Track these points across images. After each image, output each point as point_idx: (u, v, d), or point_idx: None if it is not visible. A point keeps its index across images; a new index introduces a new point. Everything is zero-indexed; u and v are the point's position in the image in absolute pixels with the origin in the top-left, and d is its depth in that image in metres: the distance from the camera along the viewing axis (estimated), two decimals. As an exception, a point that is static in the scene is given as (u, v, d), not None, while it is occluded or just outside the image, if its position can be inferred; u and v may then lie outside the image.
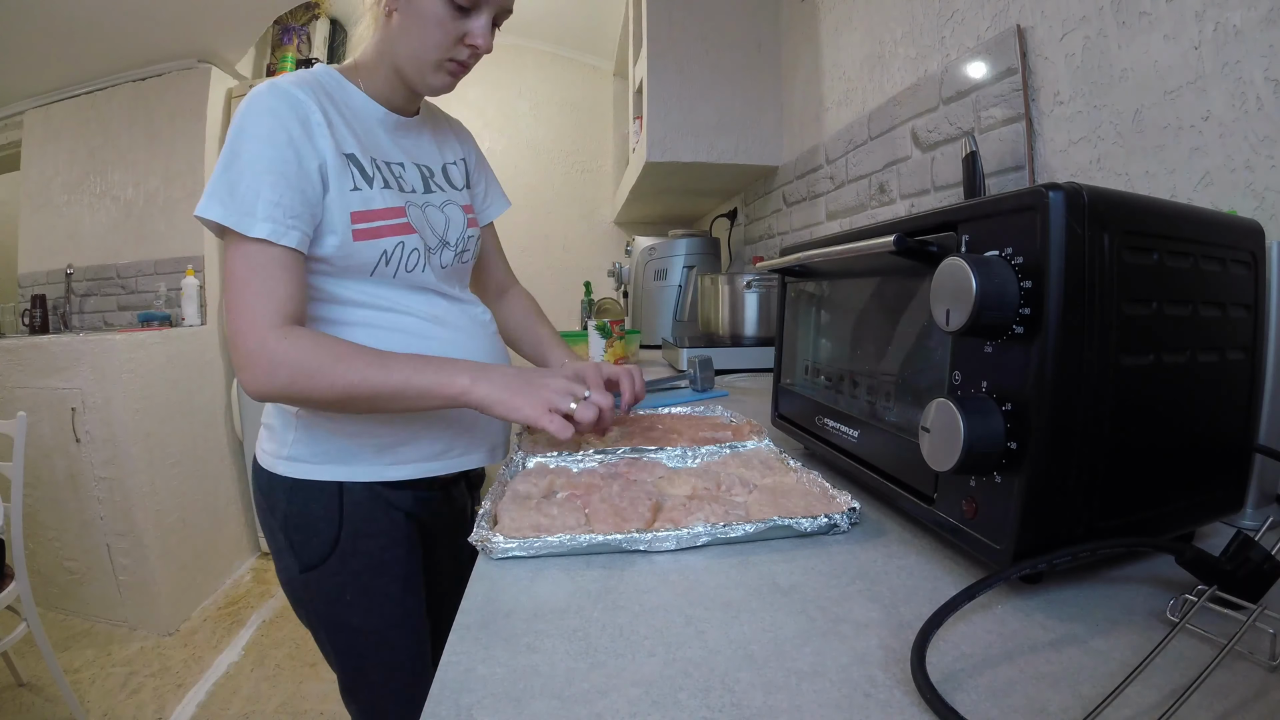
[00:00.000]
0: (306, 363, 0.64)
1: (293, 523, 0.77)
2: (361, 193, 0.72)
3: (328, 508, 0.76)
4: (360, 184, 0.73)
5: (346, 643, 0.82)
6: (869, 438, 0.58)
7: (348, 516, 0.77)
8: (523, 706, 0.31)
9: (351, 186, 0.72)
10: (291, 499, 0.77)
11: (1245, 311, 0.45)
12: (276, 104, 0.67)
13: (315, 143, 0.69)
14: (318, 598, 0.80)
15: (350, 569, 0.78)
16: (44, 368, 2.16)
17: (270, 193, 0.65)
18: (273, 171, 0.66)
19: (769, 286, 1.44)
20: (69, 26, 2.27)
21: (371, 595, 0.79)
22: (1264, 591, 0.36)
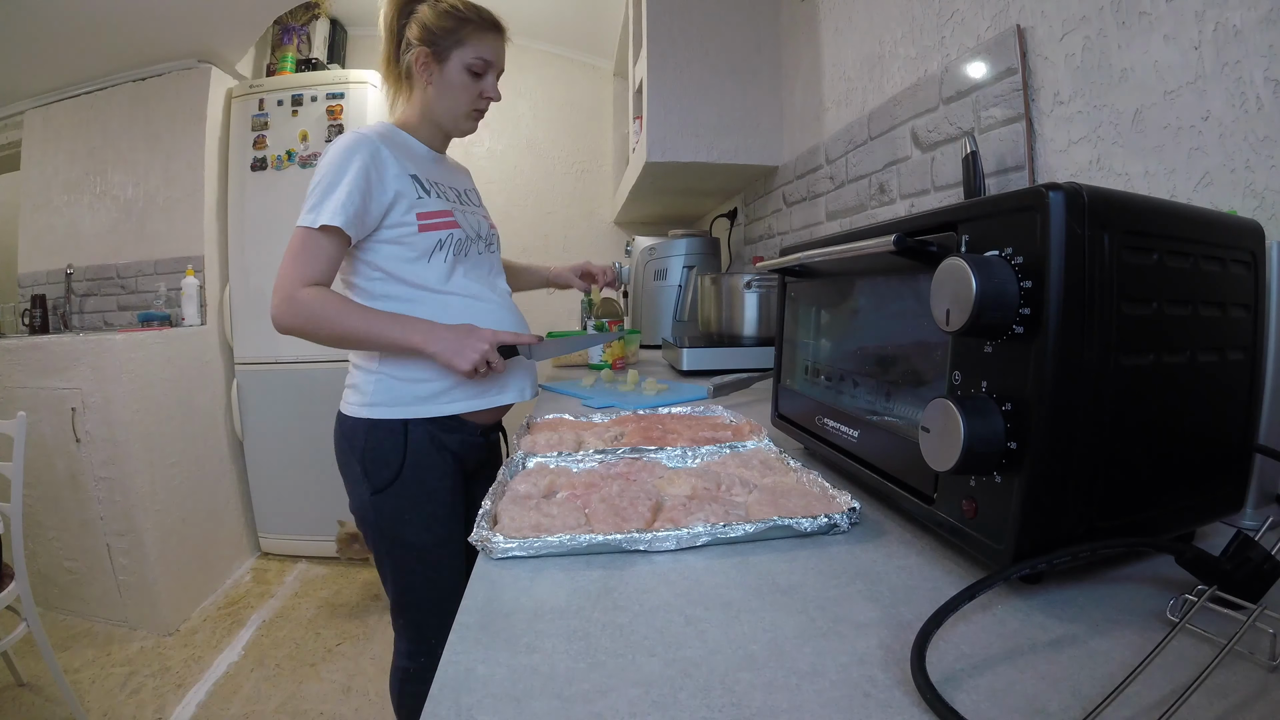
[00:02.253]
0: (317, 311, 0.93)
1: (369, 455, 1.02)
2: (423, 200, 1.02)
3: (395, 445, 1.02)
4: (421, 194, 1.03)
5: (402, 557, 1.05)
6: (869, 438, 0.58)
7: (410, 451, 1.02)
8: (523, 706, 0.31)
9: (417, 196, 1.02)
10: (369, 437, 1.02)
11: (1245, 311, 0.45)
12: (355, 143, 0.98)
13: (385, 169, 0.99)
14: (383, 516, 1.03)
15: (409, 493, 1.02)
16: (44, 368, 2.16)
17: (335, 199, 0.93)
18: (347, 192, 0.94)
19: (769, 286, 1.44)
20: (69, 26, 2.27)
21: (424, 516, 1.03)
22: (1264, 591, 0.36)
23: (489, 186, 3.21)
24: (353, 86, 2.59)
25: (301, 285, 0.92)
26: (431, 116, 1.08)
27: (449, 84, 1.05)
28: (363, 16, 3.13)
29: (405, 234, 1.00)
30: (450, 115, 1.08)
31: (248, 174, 2.61)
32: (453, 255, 1.03)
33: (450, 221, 1.04)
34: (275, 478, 2.68)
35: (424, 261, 1.01)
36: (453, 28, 1.03)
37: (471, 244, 1.08)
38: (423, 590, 1.05)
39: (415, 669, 1.08)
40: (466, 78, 1.05)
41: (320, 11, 2.93)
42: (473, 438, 1.09)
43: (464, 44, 1.04)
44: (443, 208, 1.04)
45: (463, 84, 1.05)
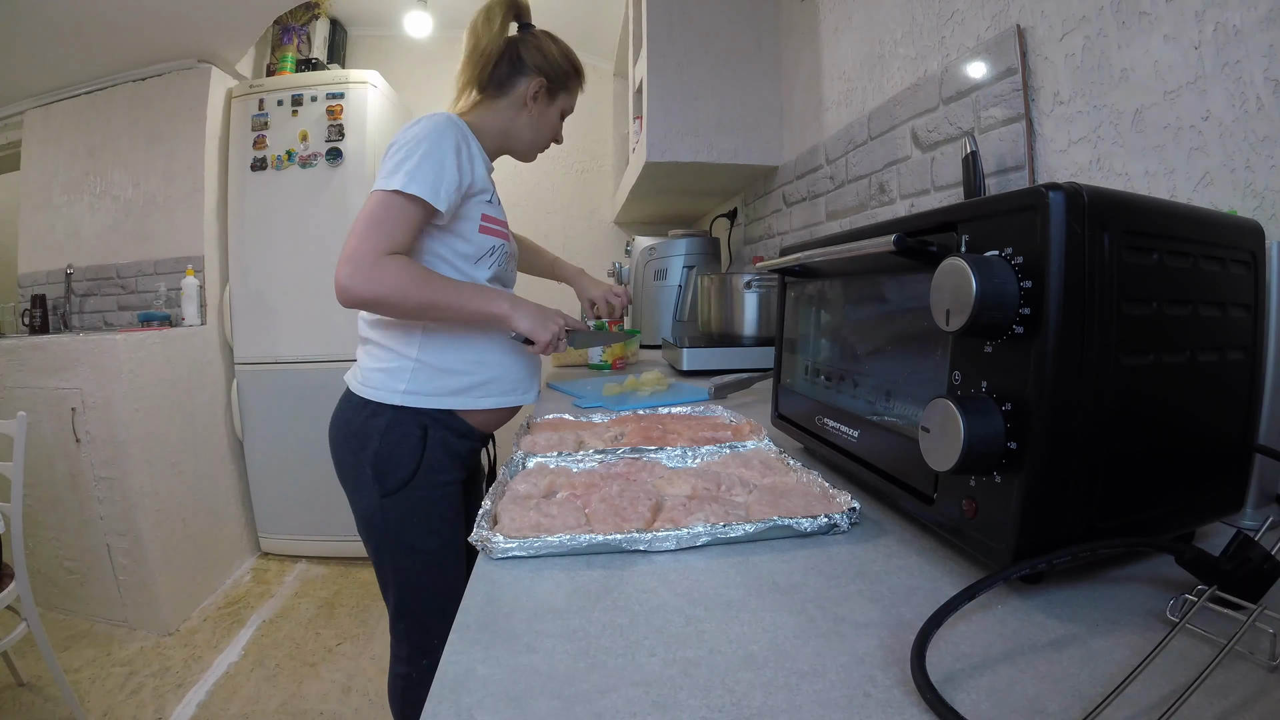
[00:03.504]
0: (403, 280, 0.88)
1: (383, 457, 0.99)
2: (492, 205, 1.04)
3: (413, 447, 1.00)
4: (492, 199, 1.05)
5: (409, 562, 1.03)
6: (869, 438, 0.58)
7: (426, 455, 1.01)
8: (523, 706, 0.31)
9: (488, 199, 1.03)
10: (384, 439, 0.99)
11: (1245, 311, 0.45)
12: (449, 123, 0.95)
13: (475, 158, 0.99)
14: (391, 519, 1.01)
15: (421, 495, 1.01)
16: (44, 368, 2.16)
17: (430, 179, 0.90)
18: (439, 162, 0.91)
19: (769, 286, 1.44)
20: (69, 26, 2.27)
21: (432, 520, 1.02)
22: (1264, 591, 0.36)
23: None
24: (353, 86, 2.59)
25: (382, 253, 0.87)
26: (509, 135, 1.10)
27: (546, 120, 1.12)
28: (363, 16, 3.13)
29: (467, 228, 1.00)
30: (529, 145, 1.13)
31: (248, 174, 2.61)
32: (497, 266, 1.05)
33: (505, 233, 1.06)
34: (275, 478, 2.68)
35: (472, 261, 1.02)
36: (569, 73, 1.11)
37: (511, 260, 1.12)
38: (427, 594, 1.04)
39: (417, 674, 1.06)
40: (558, 119, 1.14)
41: (320, 11, 2.93)
42: (476, 444, 1.10)
43: (569, 91, 1.13)
44: (502, 217, 1.06)
45: (553, 124, 1.13)
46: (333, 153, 2.56)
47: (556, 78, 1.09)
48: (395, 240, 0.89)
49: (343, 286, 0.87)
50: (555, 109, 1.12)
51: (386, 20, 3.13)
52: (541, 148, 1.16)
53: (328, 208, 2.54)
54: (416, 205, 0.90)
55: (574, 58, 1.13)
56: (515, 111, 1.09)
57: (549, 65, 1.08)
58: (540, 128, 1.12)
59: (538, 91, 1.08)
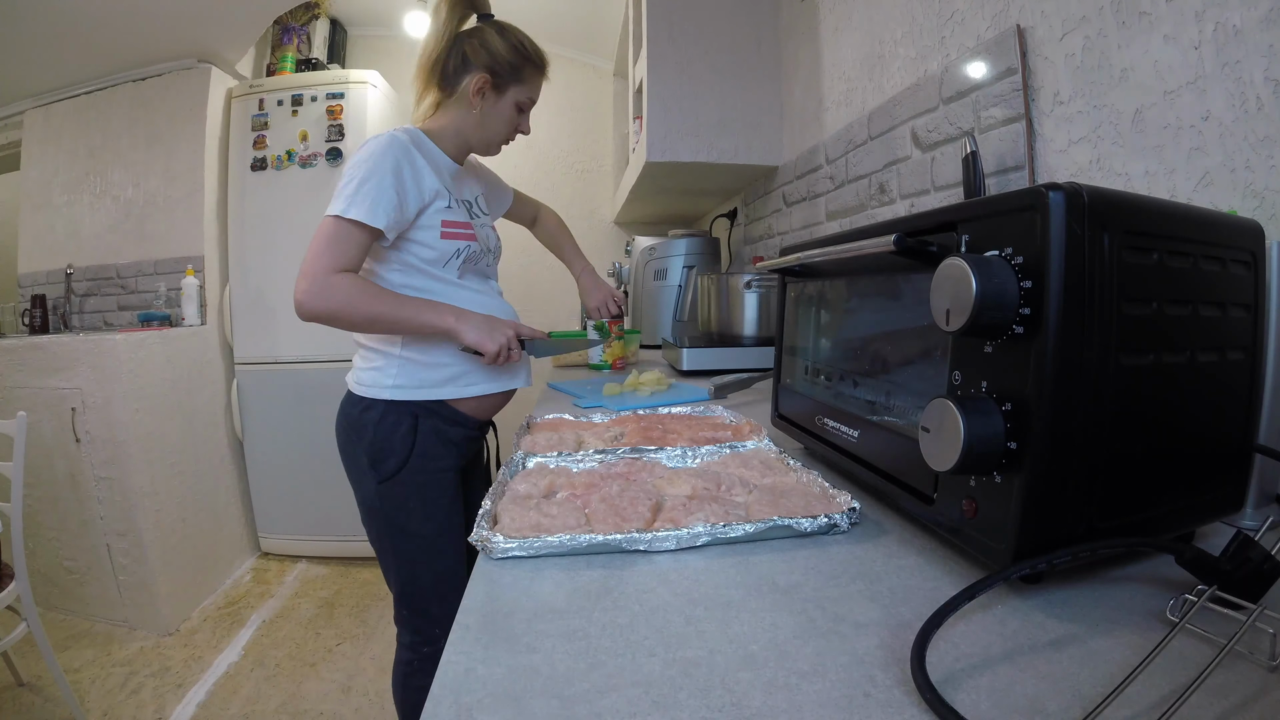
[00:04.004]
0: (351, 295, 0.94)
1: (377, 446, 1.04)
2: (451, 209, 1.06)
3: (404, 436, 1.05)
4: (451, 204, 1.06)
5: (405, 547, 1.07)
6: (869, 438, 0.58)
7: (418, 443, 1.05)
8: (523, 706, 0.31)
9: (446, 205, 1.05)
10: (378, 429, 1.04)
11: (1245, 311, 0.45)
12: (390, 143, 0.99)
13: (421, 174, 1.02)
14: (389, 505, 1.06)
15: (415, 481, 1.06)
16: (44, 368, 2.16)
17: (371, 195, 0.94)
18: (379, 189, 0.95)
19: (769, 286, 1.44)
20: (69, 26, 2.27)
21: (426, 505, 1.07)
22: (1264, 591, 0.36)
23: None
24: (353, 86, 2.59)
25: (332, 271, 0.93)
26: (464, 134, 1.11)
27: (498, 114, 1.11)
28: (363, 16, 3.13)
29: (429, 236, 1.04)
30: (485, 141, 1.13)
31: (248, 174, 2.61)
32: (464, 263, 1.08)
33: (469, 234, 1.08)
34: (275, 478, 2.68)
35: (439, 265, 1.06)
36: (517, 64, 1.09)
37: (482, 256, 1.12)
38: (426, 579, 1.08)
39: (419, 661, 1.10)
40: (513, 112, 1.13)
41: (320, 11, 2.93)
42: (471, 432, 1.14)
43: (522, 82, 1.11)
44: (464, 219, 1.08)
45: (509, 117, 1.13)
46: (333, 153, 2.56)
47: (503, 70, 1.08)
48: (344, 260, 0.95)
49: (299, 301, 0.94)
50: (506, 103, 1.11)
51: (386, 20, 3.13)
52: (499, 142, 1.15)
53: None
54: (358, 228, 0.95)
55: (526, 47, 1.10)
56: (464, 111, 1.09)
57: (493, 59, 1.07)
58: (490, 124, 1.11)
59: (481, 87, 1.07)
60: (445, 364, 1.07)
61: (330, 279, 0.93)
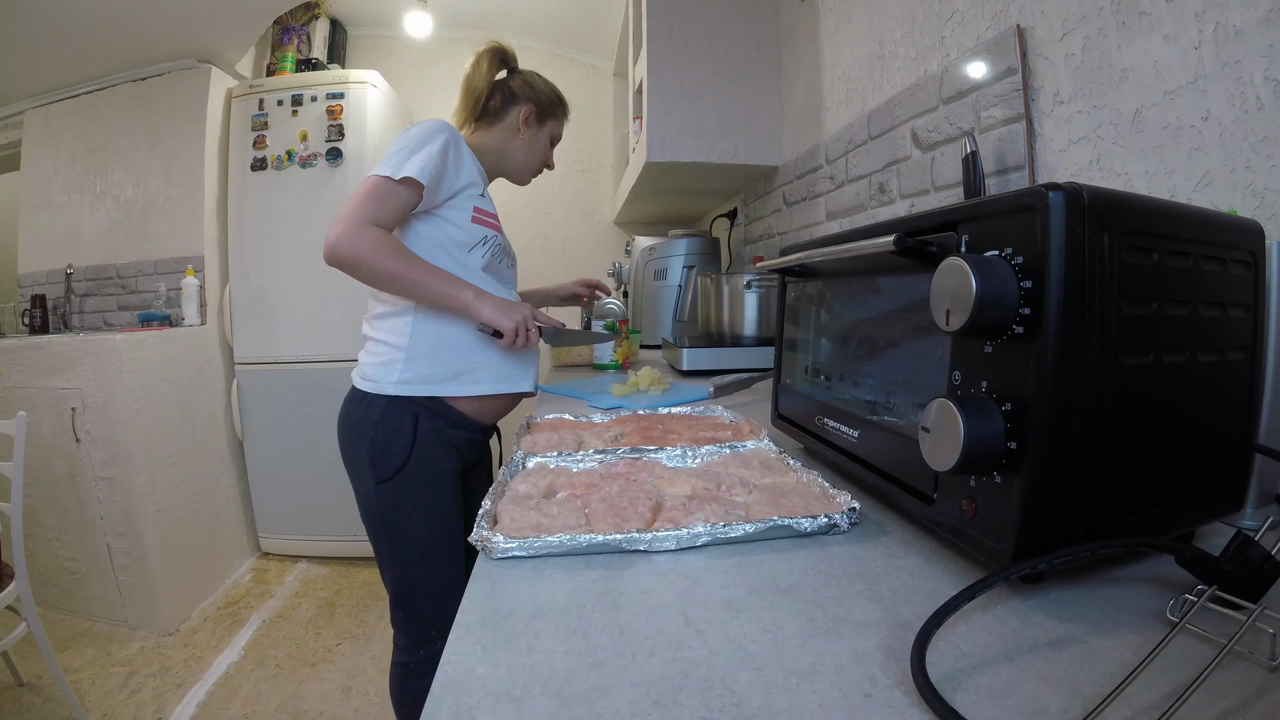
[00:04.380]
0: (380, 245, 0.96)
1: (377, 445, 1.05)
2: (484, 199, 1.13)
3: (405, 437, 1.05)
4: (484, 194, 1.13)
5: (402, 548, 1.07)
6: (869, 438, 0.58)
7: (418, 444, 1.05)
8: (523, 706, 0.31)
9: (480, 191, 1.12)
10: (379, 428, 1.05)
11: (1245, 311, 0.45)
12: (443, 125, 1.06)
13: (464, 157, 1.09)
14: (386, 506, 1.06)
15: (413, 483, 1.06)
16: (44, 368, 2.16)
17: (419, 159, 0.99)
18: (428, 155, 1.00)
19: (769, 286, 1.44)
20: (69, 26, 2.27)
21: (424, 508, 1.07)
22: (1264, 591, 0.36)
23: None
24: (353, 86, 2.59)
25: (367, 222, 0.96)
26: (501, 158, 1.22)
27: (536, 143, 1.25)
28: (363, 16, 3.13)
29: (460, 218, 1.08)
30: (522, 166, 1.25)
31: (248, 174, 2.61)
32: (490, 257, 1.12)
33: (496, 225, 1.14)
34: (275, 478, 2.68)
35: (465, 249, 1.08)
36: (555, 102, 1.26)
37: (504, 256, 1.18)
38: (422, 582, 1.08)
39: (415, 664, 1.10)
40: (547, 144, 1.27)
41: (320, 11, 2.93)
42: (474, 435, 1.14)
43: (556, 119, 1.27)
44: (493, 211, 1.15)
45: (543, 148, 1.27)
46: (333, 153, 2.56)
47: (544, 106, 1.23)
48: (381, 214, 0.98)
49: (330, 244, 0.95)
50: (545, 134, 1.25)
51: (386, 20, 3.13)
52: (534, 170, 1.28)
53: (328, 208, 2.54)
54: (403, 187, 0.99)
55: (558, 91, 1.27)
56: (509, 136, 1.21)
57: (536, 95, 1.22)
58: (532, 150, 1.24)
59: (528, 116, 1.21)
60: (449, 359, 1.07)
61: (364, 228, 0.95)
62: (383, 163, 0.99)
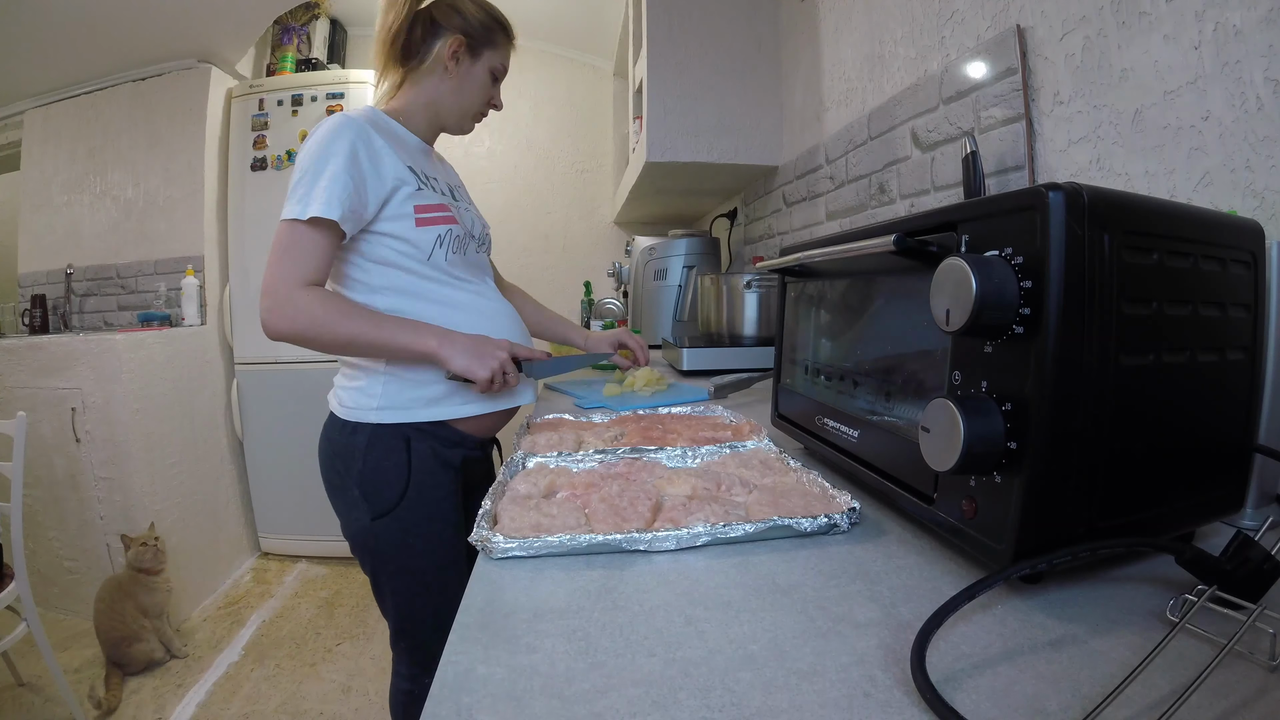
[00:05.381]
0: (319, 314, 0.84)
1: (368, 478, 0.94)
2: (421, 192, 0.95)
3: (398, 464, 0.94)
4: (420, 185, 0.95)
5: (405, 584, 0.98)
6: (869, 438, 0.58)
7: (414, 470, 0.95)
8: (523, 706, 0.31)
9: (415, 188, 0.94)
10: (367, 458, 0.94)
11: (1245, 311, 0.45)
12: (342, 126, 0.89)
13: (380, 156, 0.91)
14: (385, 543, 0.96)
15: (415, 515, 0.95)
16: (44, 368, 2.16)
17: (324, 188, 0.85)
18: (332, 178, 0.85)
19: (769, 286, 1.44)
20: (69, 26, 2.27)
21: (430, 539, 0.97)
22: (1264, 591, 0.36)
23: (488, 186, 3.21)
24: (353, 86, 2.59)
25: (296, 286, 0.84)
26: (436, 107, 1.03)
27: (473, 80, 1.03)
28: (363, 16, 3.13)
29: (402, 228, 0.93)
30: (459, 111, 1.05)
31: (248, 174, 2.61)
32: (452, 253, 0.97)
33: (448, 217, 0.97)
34: (275, 478, 2.68)
35: (423, 259, 0.95)
36: (490, 27, 1.02)
37: (468, 243, 1.02)
38: (426, 614, 0.98)
39: (419, 690, 1.01)
40: (488, 79, 1.04)
41: (320, 11, 2.93)
42: (473, 451, 1.03)
43: (495, 47, 1.04)
44: (438, 201, 0.97)
45: (483, 84, 1.04)
46: (333, 153, 2.56)
47: (477, 33, 1.01)
48: (306, 270, 0.85)
49: (264, 322, 0.84)
50: (481, 68, 1.03)
51: (386, 20, 3.12)
52: (474, 114, 1.06)
53: (328, 208, 2.54)
54: (320, 229, 0.86)
55: (494, 11, 1.05)
56: (438, 79, 1.01)
57: (466, 23, 1.00)
58: (466, 90, 1.03)
59: (456, 50, 1.00)
60: (435, 380, 0.95)
61: (295, 294, 0.83)
62: (289, 199, 0.86)
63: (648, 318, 2.21)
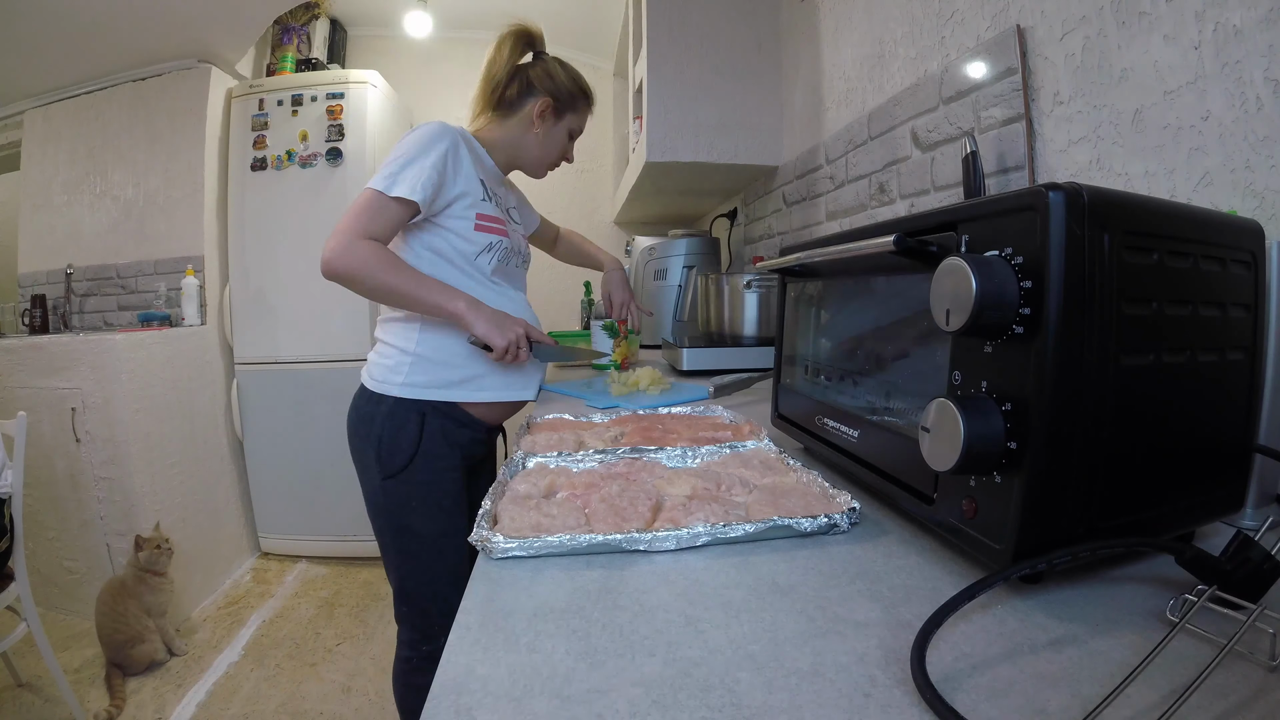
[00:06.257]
0: (372, 260, 0.97)
1: (385, 442, 1.06)
2: (485, 203, 1.10)
3: (411, 434, 1.07)
4: (486, 197, 1.11)
5: (407, 544, 1.09)
6: (869, 438, 0.58)
7: (424, 442, 1.07)
8: (523, 706, 0.31)
9: (481, 197, 1.09)
10: (387, 424, 1.06)
11: (1245, 311, 0.45)
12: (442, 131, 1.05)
13: (462, 165, 1.06)
14: (392, 501, 1.08)
15: (418, 480, 1.07)
16: (44, 368, 2.16)
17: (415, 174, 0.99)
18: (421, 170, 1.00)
19: (769, 286, 1.44)
20: (69, 26, 2.27)
21: (430, 505, 1.08)
22: (1264, 591, 0.36)
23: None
24: (353, 86, 2.59)
25: (361, 236, 0.96)
26: (516, 151, 1.19)
27: (552, 138, 1.20)
28: (363, 16, 3.13)
29: (463, 226, 1.07)
30: (536, 160, 1.22)
31: (248, 174, 2.61)
32: (497, 260, 1.11)
33: (502, 230, 1.12)
34: (275, 478, 2.68)
35: (471, 258, 1.08)
36: (575, 95, 1.19)
37: (512, 256, 1.16)
38: (427, 578, 1.09)
39: (418, 659, 1.12)
40: (565, 137, 1.22)
41: (320, 11, 2.93)
42: (479, 435, 1.15)
43: (576, 113, 1.21)
44: (498, 215, 1.12)
45: (560, 142, 1.22)
46: (333, 153, 2.56)
47: (563, 98, 1.18)
48: (375, 228, 0.98)
49: (324, 259, 0.96)
50: (562, 128, 1.20)
51: (386, 20, 3.13)
52: (550, 164, 1.24)
53: (328, 208, 2.54)
54: (399, 205, 0.99)
55: (582, 82, 1.21)
56: (524, 129, 1.17)
57: (555, 87, 1.17)
58: (547, 145, 1.20)
59: (544, 110, 1.16)
60: (456, 365, 1.08)
61: (357, 242, 0.96)
62: (381, 173, 1.00)
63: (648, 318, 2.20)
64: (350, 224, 0.97)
